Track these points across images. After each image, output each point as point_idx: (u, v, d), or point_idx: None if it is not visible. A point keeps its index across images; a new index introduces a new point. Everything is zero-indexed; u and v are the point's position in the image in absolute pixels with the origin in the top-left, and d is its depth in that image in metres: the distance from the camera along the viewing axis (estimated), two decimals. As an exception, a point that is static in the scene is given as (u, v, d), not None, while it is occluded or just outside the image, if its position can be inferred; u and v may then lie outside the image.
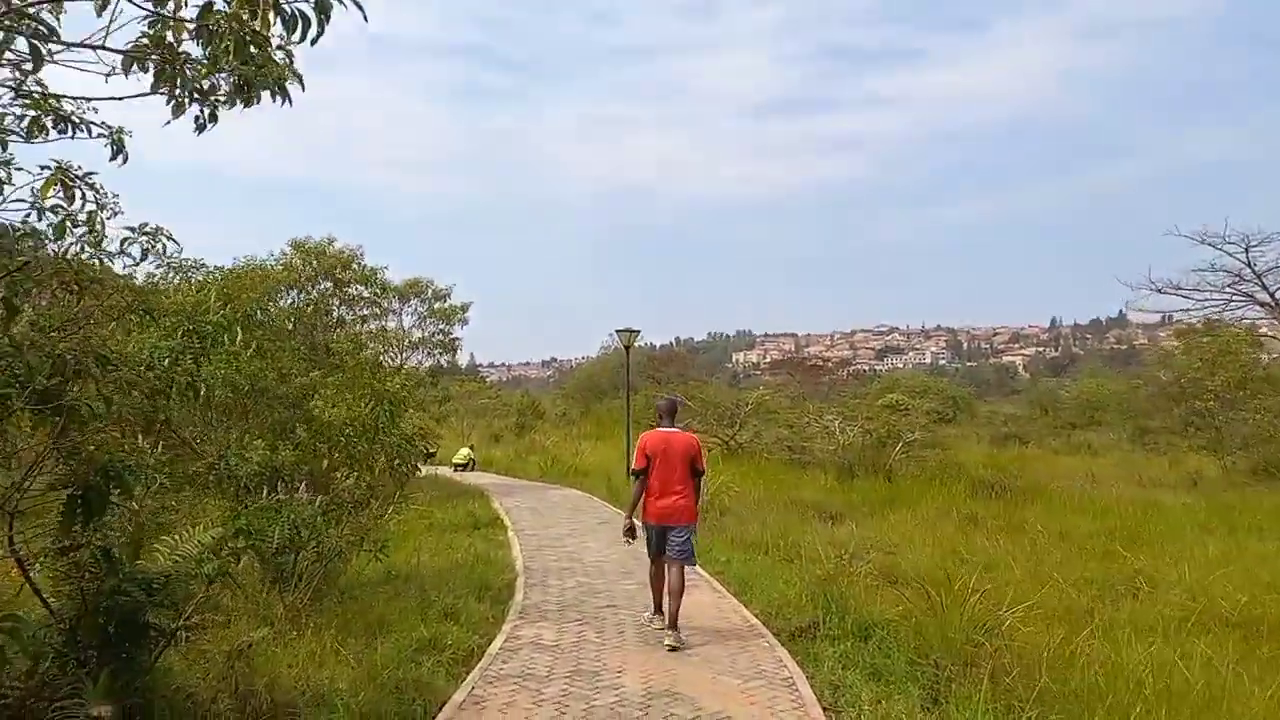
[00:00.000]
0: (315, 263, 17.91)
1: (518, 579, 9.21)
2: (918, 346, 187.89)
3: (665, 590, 7.10)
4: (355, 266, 18.76)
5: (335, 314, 18.74)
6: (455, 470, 24.50)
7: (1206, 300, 23.44)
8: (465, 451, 24.99)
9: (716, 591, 8.81)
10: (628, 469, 18.88)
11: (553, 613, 7.77)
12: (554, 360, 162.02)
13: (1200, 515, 13.44)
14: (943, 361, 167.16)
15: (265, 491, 6.25)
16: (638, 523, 7.21)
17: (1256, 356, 25.52)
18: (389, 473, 7.53)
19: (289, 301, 17.68)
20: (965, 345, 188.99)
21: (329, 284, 18.34)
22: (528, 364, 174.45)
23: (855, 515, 14.38)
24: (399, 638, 6.54)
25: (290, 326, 15.09)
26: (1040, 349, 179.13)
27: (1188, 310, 24.38)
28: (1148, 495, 17.41)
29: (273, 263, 17.32)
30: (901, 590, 8.24)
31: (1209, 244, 22.40)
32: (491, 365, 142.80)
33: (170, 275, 8.32)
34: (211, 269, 8.32)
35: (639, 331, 18.34)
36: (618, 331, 18.21)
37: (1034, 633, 6.40)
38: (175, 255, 8.23)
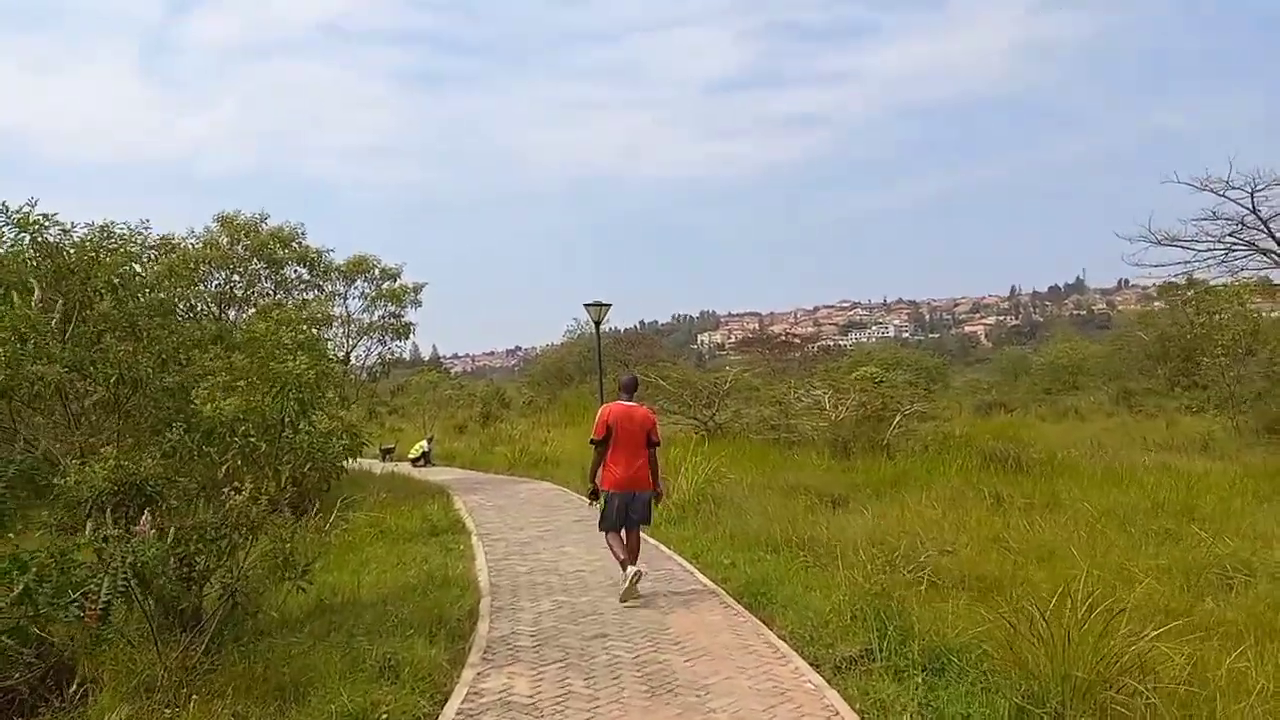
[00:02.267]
0: (246, 240, 15.87)
1: (481, 602, 7.47)
2: (881, 320, 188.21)
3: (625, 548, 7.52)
4: (295, 245, 16.74)
5: (272, 297, 16.77)
6: (413, 464, 22.73)
7: (1209, 251, 22.13)
8: (420, 445, 23.16)
9: (727, 606, 7.14)
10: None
11: (526, 650, 6.05)
12: (518, 349, 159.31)
13: (1249, 483, 12.05)
14: (906, 334, 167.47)
15: (88, 521, 4.45)
16: (600, 491, 7.68)
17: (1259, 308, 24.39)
18: (298, 481, 5.73)
19: (215, 284, 15.72)
20: (928, 317, 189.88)
21: (262, 264, 16.34)
22: (492, 353, 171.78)
23: (860, 498, 12.85)
24: (316, 708, 4.80)
25: (192, 306, 13.19)
26: (1001, 317, 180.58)
27: (1186, 262, 23.04)
28: (1168, 461, 16.10)
29: (193, 240, 15.31)
30: (954, 594, 6.69)
31: (1210, 190, 21.11)
32: (455, 356, 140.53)
33: (10, 234, 6.43)
34: (71, 226, 6.39)
35: (610, 305, 16.64)
36: (587, 306, 16.49)
37: (1168, 656, 4.82)
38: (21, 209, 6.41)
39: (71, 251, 6.25)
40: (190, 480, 5.45)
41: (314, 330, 11.21)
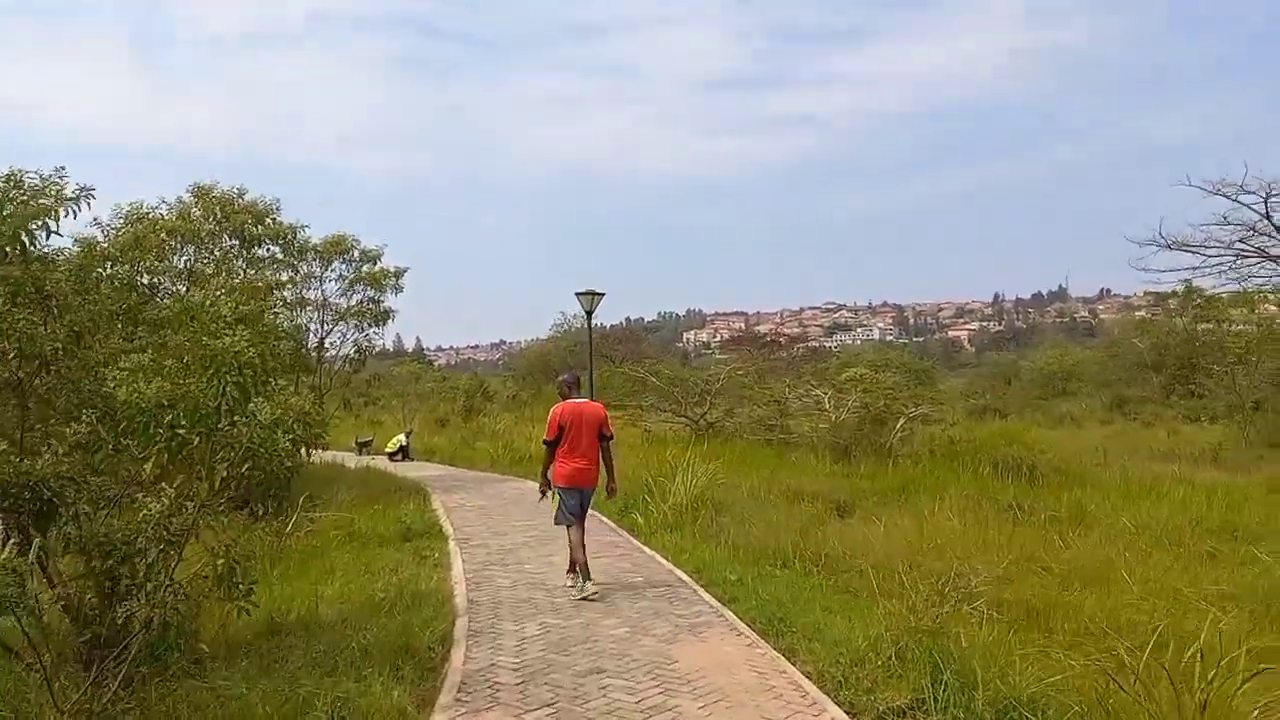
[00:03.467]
0: (219, 213, 14.79)
1: (457, 623, 6.51)
2: (865, 323, 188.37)
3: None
4: (270, 222, 15.64)
5: (243, 276, 15.72)
6: (391, 459, 21.74)
7: (1218, 256, 21.39)
8: (398, 439, 22.18)
9: (740, 634, 6.21)
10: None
11: (507, 689, 5.09)
12: (503, 343, 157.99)
13: (1287, 497, 11.28)
14: (890, 337, 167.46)
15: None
16: (552, 485, 7.68)
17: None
18: (239, 481, 4.75)
19: (184, 260, 14.64)
20: (912, 321, 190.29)
21: (234, 241, 15.26)
22: (476, 347, 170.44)
23: (866, 505, 12.01)
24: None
25: (157, 283, 12.16)
26: (984, 323, 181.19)
27: (1194, 268, 22.33)
28: (1184, 473, 15.32)
29: (164, 210, 14.20)
30: (998, 626, 5.79)
31: (1222, 194, 20.39)
32: (439, 349, 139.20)
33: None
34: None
35: (603, 294, 15.67)
36: (579, 294, 15.51)
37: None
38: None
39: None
40: (110, 480, 4.46)
41: (266, 302, 10.11)
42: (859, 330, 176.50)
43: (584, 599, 7.13)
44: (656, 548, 9.47)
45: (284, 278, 16.47)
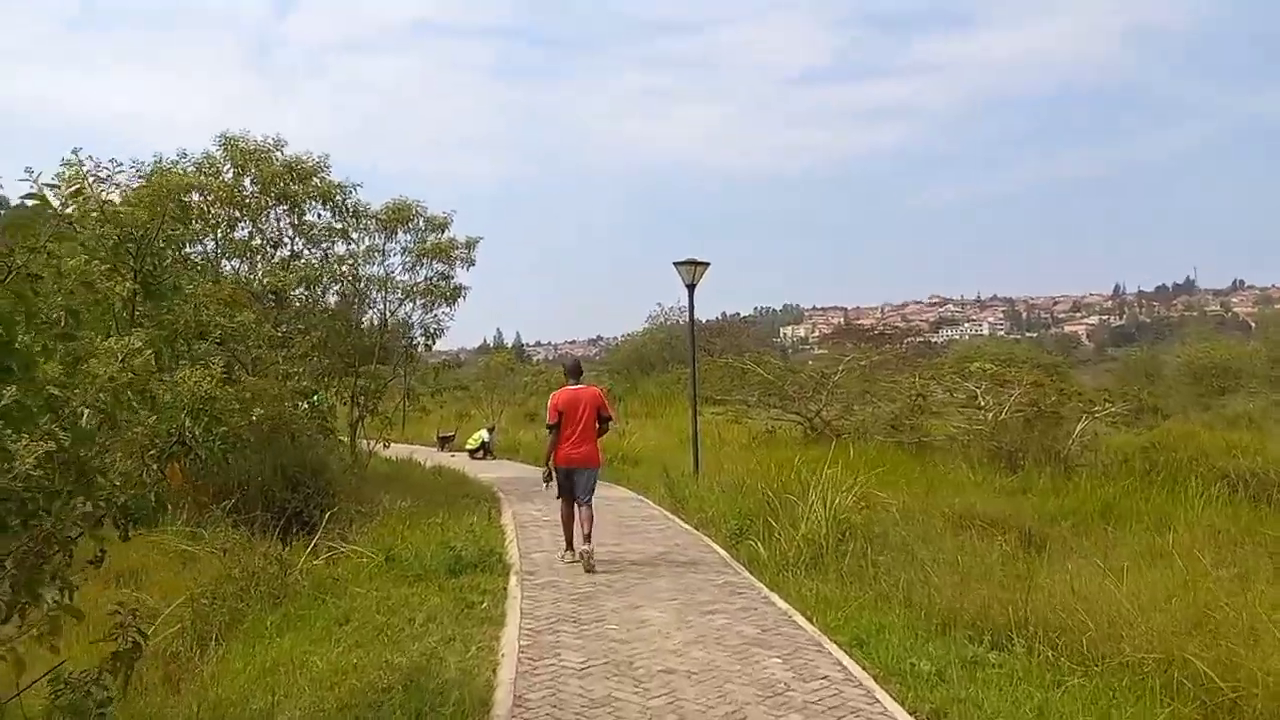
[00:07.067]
0: (255, 171, 12.70)
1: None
2: (973, 317, 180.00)
3: (577, 525, 8.04)
4: (317, 181, 13.46)
5: (290, 245, 13.66)
6: (471, 456, 19.66)
7: None
8: (479, 435, 20.08)
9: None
10: (694, 456, 13.71)
11: None
12: (599, 338, 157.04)
13: None
14: (1001, 332, 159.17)
15: None
16: (552, 469, 8.19)
17: None
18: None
19: (221, 229, 12.63)
20: (1024, 315, 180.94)
21: (278, 204, 13.18)
22: (574, 342, 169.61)
23: (1058, 534, 9.08)
24: None
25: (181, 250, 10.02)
26: (1104, 318, 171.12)
27: None
28: None
29: (187, 165, 12.17)
30: None
31: None
32: (538, 344, 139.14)
33: None
34: None
35: (707, 264, 12.98)
36: (678, 264, 12.86)
37: None
38: None
39: None
40: None
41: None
42: (966, 325, 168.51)
43: (571, 563, 8.03)
44: (791, 598, 6.75)
45: (341, 250, 14.32)
